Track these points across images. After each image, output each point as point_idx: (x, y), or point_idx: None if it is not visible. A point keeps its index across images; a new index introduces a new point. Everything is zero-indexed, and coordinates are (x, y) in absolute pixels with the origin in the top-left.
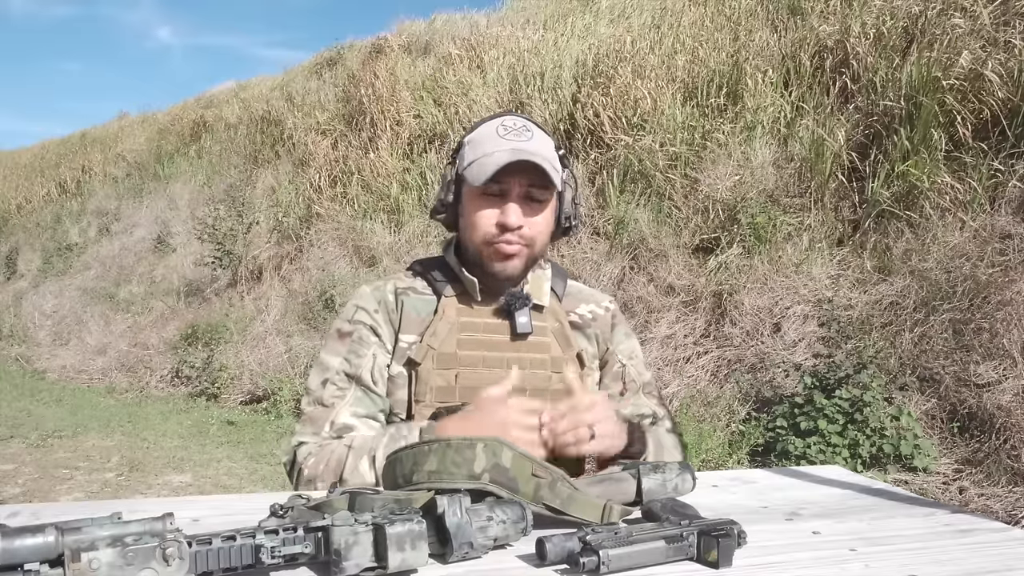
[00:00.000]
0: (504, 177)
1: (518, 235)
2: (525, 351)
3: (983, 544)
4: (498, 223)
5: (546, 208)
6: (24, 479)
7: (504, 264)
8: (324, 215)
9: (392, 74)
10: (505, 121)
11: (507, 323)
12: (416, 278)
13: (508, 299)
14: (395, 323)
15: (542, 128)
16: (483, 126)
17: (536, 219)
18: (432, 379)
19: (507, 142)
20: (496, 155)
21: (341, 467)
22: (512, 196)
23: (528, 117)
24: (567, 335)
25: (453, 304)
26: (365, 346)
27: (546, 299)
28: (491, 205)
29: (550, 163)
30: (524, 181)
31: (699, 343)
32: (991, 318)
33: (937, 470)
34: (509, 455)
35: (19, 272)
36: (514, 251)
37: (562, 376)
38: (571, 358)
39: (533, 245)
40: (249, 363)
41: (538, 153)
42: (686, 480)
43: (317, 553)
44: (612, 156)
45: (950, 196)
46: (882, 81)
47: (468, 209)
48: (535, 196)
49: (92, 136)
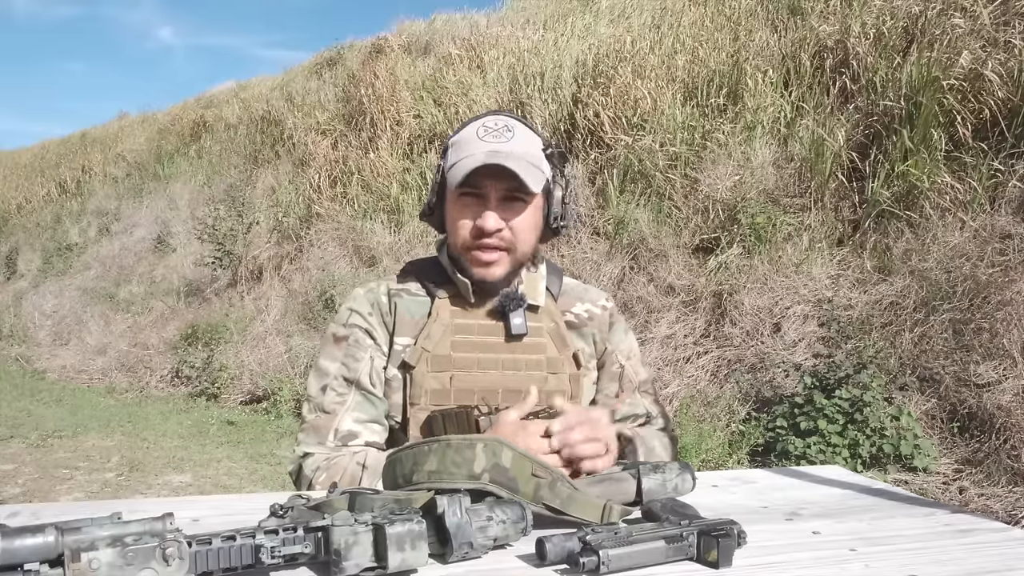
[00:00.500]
0: (478, 180)
1: (497, 238)
2: (520, 352)
3: (983, 544)
4: (474, 227)
5: (528, 209)
6: (24, 479)
7: (484, 270)
8: (324, 215)
9: (392, 74)
10: (486, 122)
11: (502, 324)
12: (410, 279)
13: (502, 300)
14: (389, 325)
15: (529, 126)
16: (468, 127)
17: (516, 220)
18: (427, 382)
19: (485, 144)
20: (471, 158)
21: (356, 486)
22: (490, 199)
23: (514, 115)
24: (563, 335)
25: (447, 306)
26: (361, 349)
27: (541, 299)
28: (470, 208)
29: (529, 164)
30: (501, 184)
31: (699, 343)
32: (991, 318)
33: (937, 470)
34: (509, 455)
35: (19, 272)
36: (493, 258)
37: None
38: (567, 358)
39: (515, 248)
40: (249, 363)
41: (515, 154)
42: (686, 480)
43: (317, 553)
44: (612, 156)
45: (950, 196)
46: (882, 81)
47: (449, 213)
48: (515, 197)
49: (92, 136)
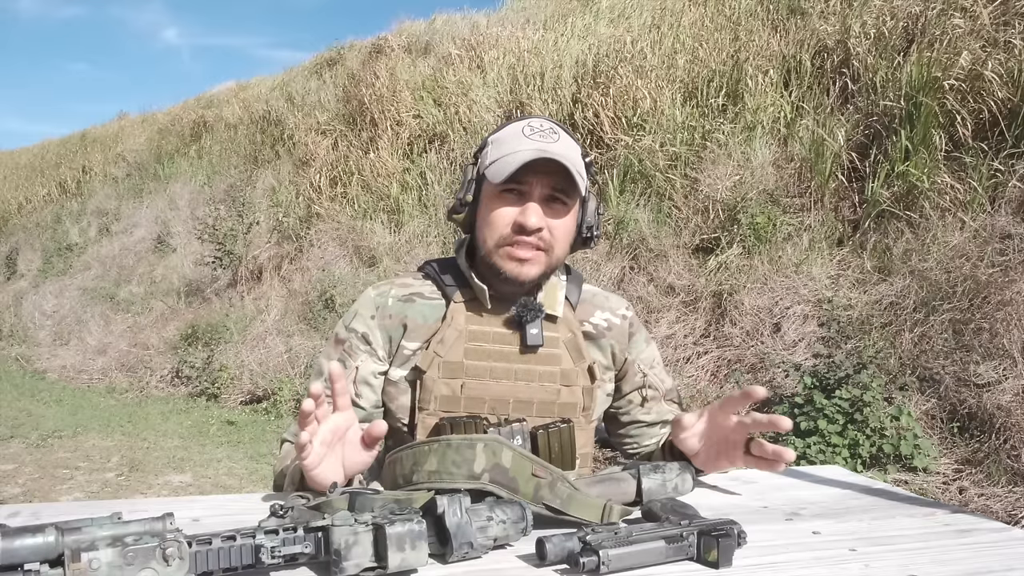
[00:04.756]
0: (526, 176)
1: (537, 238)
2: (535, 363)
3: (983, 544)
4: (516, 223)
5: (569, 213)
6: (24, 479)
7: (518, 268)
8: (324, 215)
9: (392, 74)
10: (532, 122)
11: (517, 334)
12: (426, 281)
13: (519, 310)
14: (391, 329)
15: (570, 134)
16: (509, 126)
17: (557, 223)
18: (437, 388)
19: (533, 142)
20: (520, 153)
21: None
22: (534, 196)
23: (557, 122)
24: (579, 346)
25: (462, 311)
26: (353, 357)
27: (559, 309)
28: (510, 205)
29: (575, 167)
30: (547, 182)
31: (699, 343)
32: (991, 318)
33: (937, 470)
34: (509, 455)
35: (19, 272)
36: (529, 256)
37: (571, 391)
38: (582, 370)
39: (551, 251)
40: (249, 363)
41: (564, 155)
42: (686, 480)
43: (317, 553)
44: (612, 156)
45: (950, 196)
46: (882, 81)
47: (486, 208)
48: (558, 199)
49: (92, 136)
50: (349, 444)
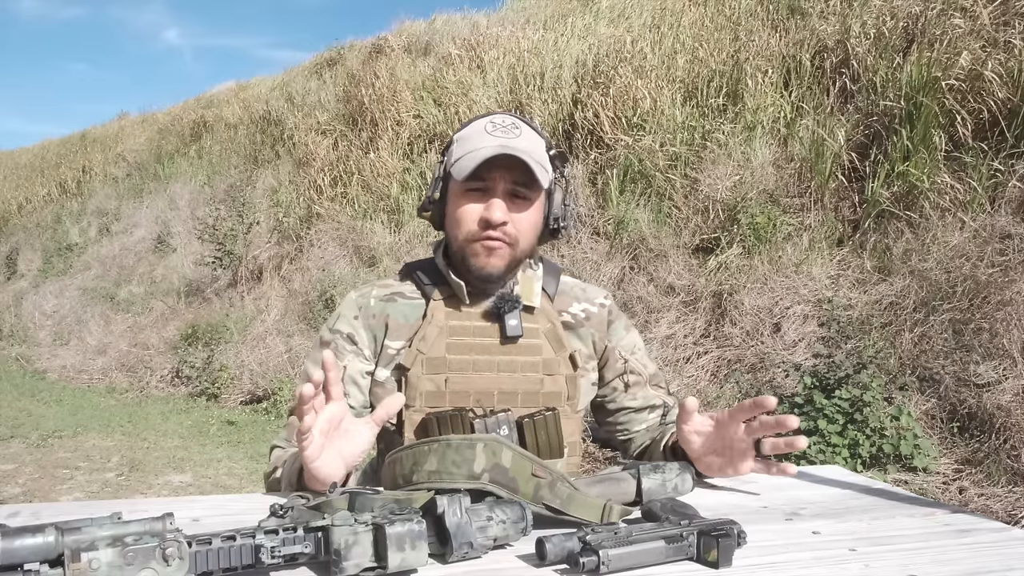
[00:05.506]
0: (488, 172)
1: (501, 231)
2: (516, 354)
3: (983, 544)
4: (481, 219)
5: (532, 207)
6: (24, 479)
7: (486, 260)
8: (324, 215)
9: (392, 74)
10: (494, 119)
11: (497, 326)
12: (405, 281)
13: (497, 302)
14: (375, 328)
15: (534, 127)
16: (473, 123)
17: (520, 216)
18: (422, 384)
19: (494, 138)
20: (482, 150)
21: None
22: (497, 192)
23: (520, 116)
24: (559, 336)
25: (441, 307)
26: (340, 357)
27: (536, 300)
28: (475, 201)
29: (537, 161)
30: (509, 177)
31: (699, 343)
32: (991, 318)
33: (937, 470)
34: (509, 455)
35: (19, 272)
36: (495, 246)
37: (554, 380)
38: (563, 359)
39: (516, 244)
40: (249, 363)
41: (524, 150)
42: (686, 480)
43: (317, 553)
44: (612, 156)
45: (950, 196)
46: (882, 81)
47: (452, 205)
48: (520, 194)
49: (92, 136)
50: (345, 434)
